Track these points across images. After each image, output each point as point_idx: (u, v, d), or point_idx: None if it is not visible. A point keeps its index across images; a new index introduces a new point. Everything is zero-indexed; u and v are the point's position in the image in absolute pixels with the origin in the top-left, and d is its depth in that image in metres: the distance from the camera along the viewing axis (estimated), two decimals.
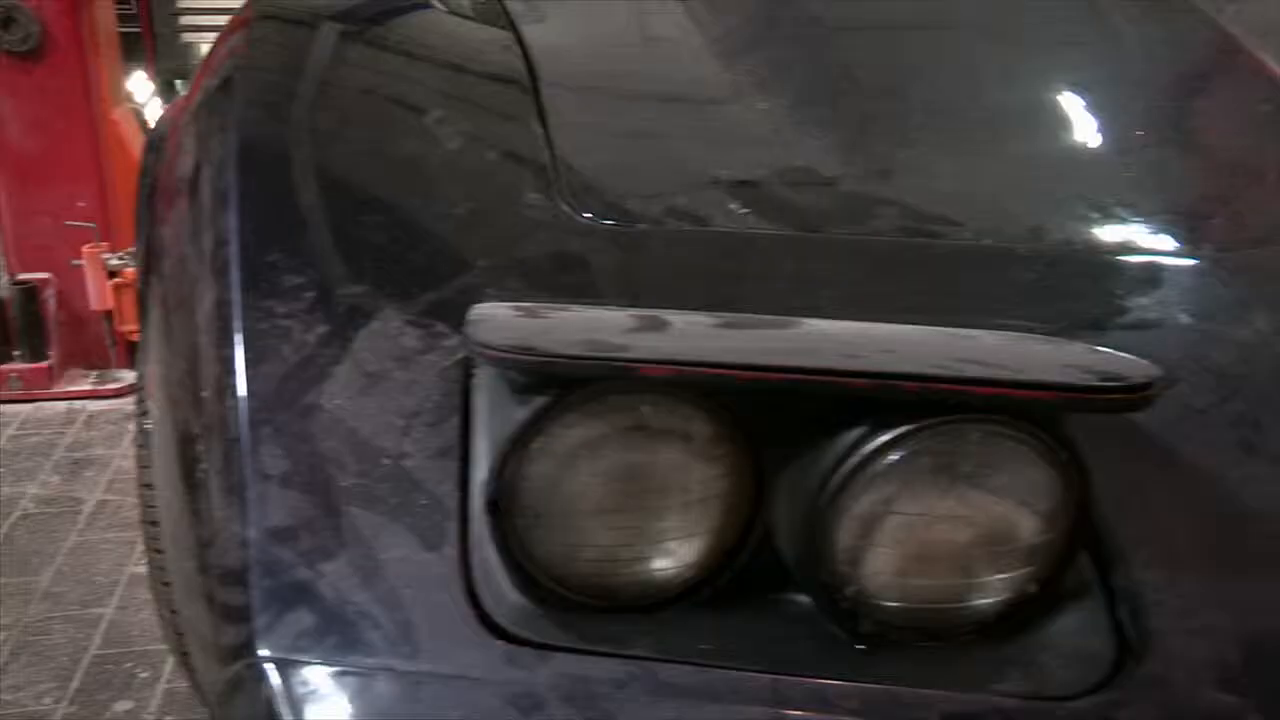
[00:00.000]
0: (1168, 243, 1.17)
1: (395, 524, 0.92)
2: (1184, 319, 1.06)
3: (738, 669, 0.85)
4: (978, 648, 0.87)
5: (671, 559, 0.89)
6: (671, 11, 1.63)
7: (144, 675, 2.37)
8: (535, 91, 1.42)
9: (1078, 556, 0.88)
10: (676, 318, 0.91)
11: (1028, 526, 0.85)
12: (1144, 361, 0.83)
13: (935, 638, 0.87)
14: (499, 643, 0.86)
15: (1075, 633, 0.86)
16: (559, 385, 0.84)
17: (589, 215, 1.21)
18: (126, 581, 2.71)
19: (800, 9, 1.61)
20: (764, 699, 0.83)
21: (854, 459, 0.82)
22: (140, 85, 4.70)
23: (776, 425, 0.87)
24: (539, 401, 0.84)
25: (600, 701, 0.84)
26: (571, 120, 1.37)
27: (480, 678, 0.85)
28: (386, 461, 0.96)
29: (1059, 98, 1.42)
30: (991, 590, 0.86)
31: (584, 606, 0.89)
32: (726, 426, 0.87)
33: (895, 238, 1.18)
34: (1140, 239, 1.18)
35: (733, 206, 1.22)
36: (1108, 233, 1.19)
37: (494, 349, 0.84)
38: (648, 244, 1.19)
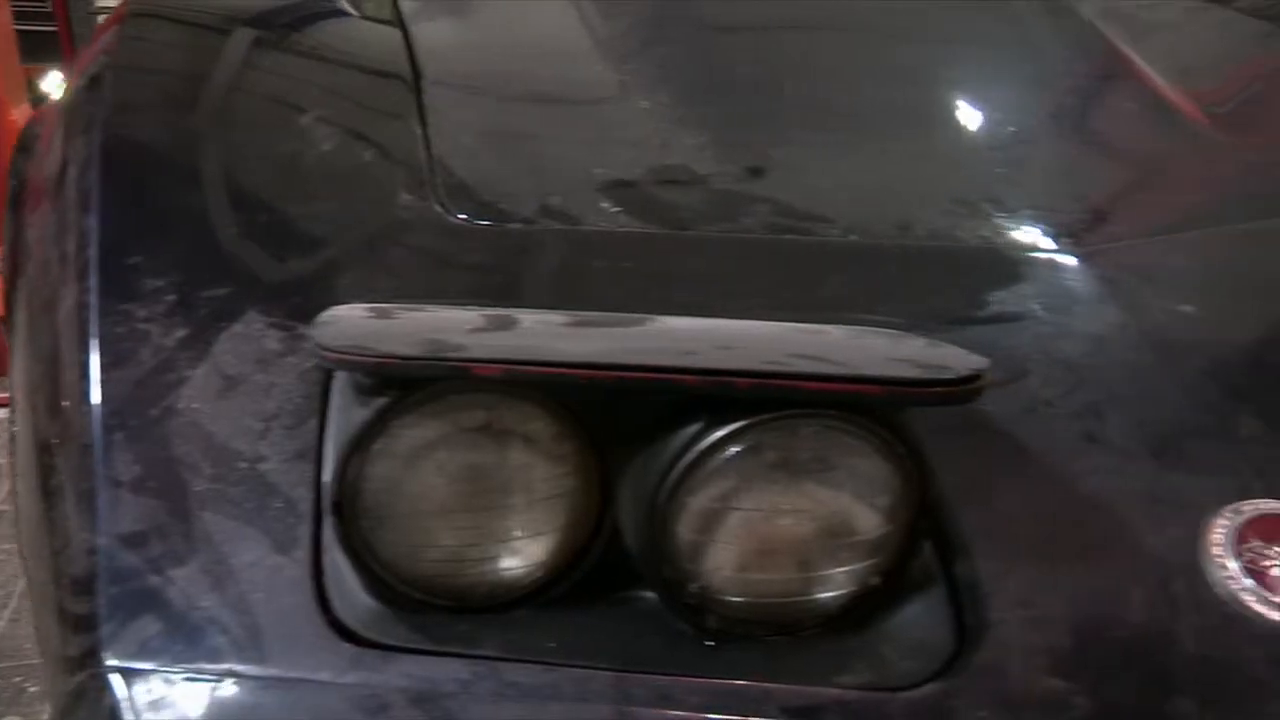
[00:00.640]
0: (1030, 237, 1.19)
1: (248, 528, 0.92)
2: (1040, 312, 1.08)
3: (584, 667, 0.85)
4: (823, 640, 0.88)
5: (520, 558, 0.89)
6: (561, 12, 1.63)
7: (33, 690, 2.32)
8: (418, 91, 1.42)
9: (920, 548, 0.89)
10: (527, 317, 0.91)
11: (868, 520, 0.86)
12: (974, 355, 0.84)
13: (782, 631, 0.88)
14: (347, 645, 0.86)
15: (917, 623, 0.88)
16: (399, 386, 0.84)
17: (463, 216, 1.20)
18: (20, 593, 2.65)
19: (686, 9, 1.61)
20: (608, 696, 0.84)
21: (690, 455, 0.82)
22: (56, 84, 4.61)
23: (620, 423, 0.87)
24: (379, 403, 0.84)
25: (445, 702, 0.84)
26: (452, 120, 1.37)
27: (326, 681, 0.84)
28: (242, 465, 0.95)
29: (934, 96, 1.44)
30: (835, 583, 0.87)
31: (434, 607, 0.89)
32: (570, 425, 0.87)
33: (765, 235, 1.19)
34: (1004, 234, 1.20)
35: (605, 205, 1.23)
36: (973, 228, 1.21)
37: (332, 350, 0.83)
38: (518, 244, 1.19)
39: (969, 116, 1.40)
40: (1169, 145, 1.38)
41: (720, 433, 0.82)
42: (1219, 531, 0.89)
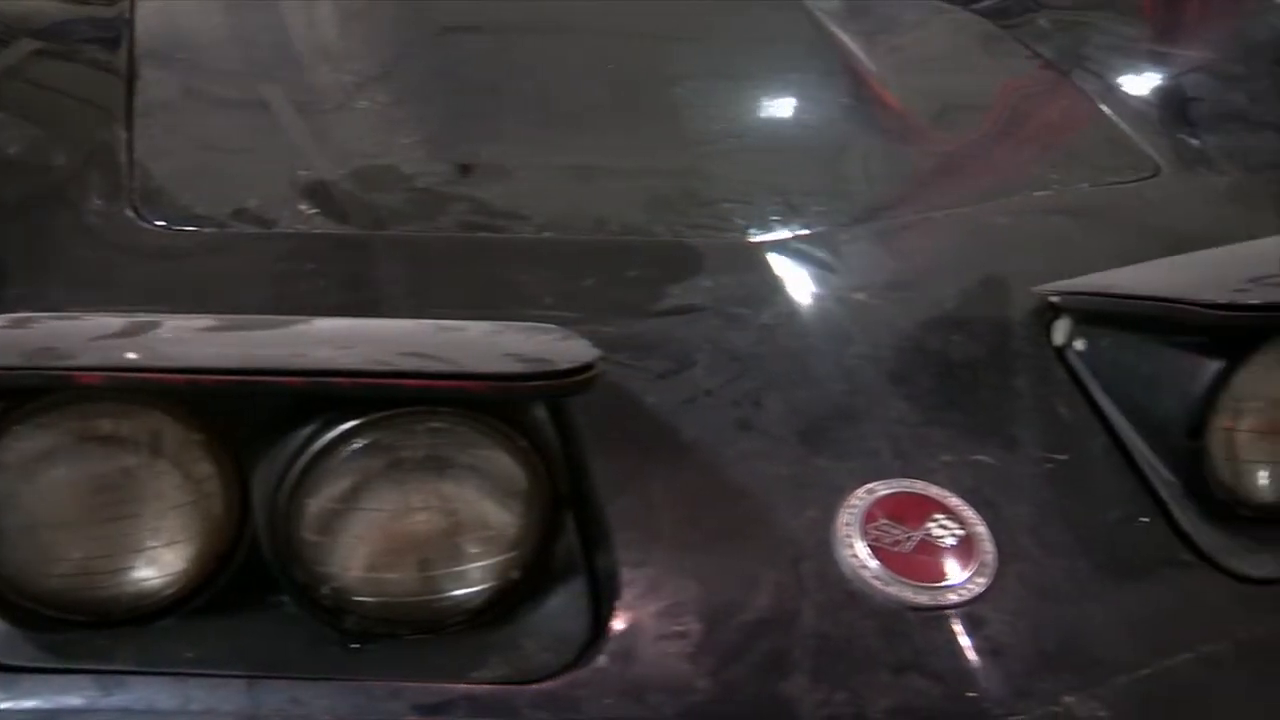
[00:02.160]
0: (721, 230, 1.22)
1: None
2: (716, 303, 1.10)
3: (218, 675, 0.84)
4: (466, 636, 0.88)
5: (156, 568, 0.87)
6: (292, 13, 1.61)
7: None
8: (130, 92, 1.39)
9: (560, 540, 0.90)
10: (171, 322, 0.89)
11: (499, 515, 0.87)
12: (588, 347, 0.86)
13: (425, 629, 0.88)
14: None
15: (557, 615, 0.88)
16: (7, 397, 0.82)
17: (160, 222, 1.19)
18: None
19: (416, 11, 1.61)
20: (238, 703, 0.83)
21: (306, 456, 0.82)
22: None
23: (252, 427, 0.86)
24: None
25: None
26: (160, 122, 1.34)
27: None
28: None
29: (649, 93, 1.46)
30: (472, 579, 0.87)
31: (69, 624, 0.86)
32: (203, 432, 0.86)
33: (460, 233, 1.20)
34: (696, 227, 1.22)
35: (304, 208, 1.22)
36: (668, 222, 1.23)
37: None
38: (209, 248, 1.17)
39: (681, 112, 1.42)
40: (874, 140, 1.42)
41: (333, 433, 0.82)
42: (849, 512, 0.92)
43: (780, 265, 1.16)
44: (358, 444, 0.82)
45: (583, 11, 1.61)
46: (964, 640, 0.86)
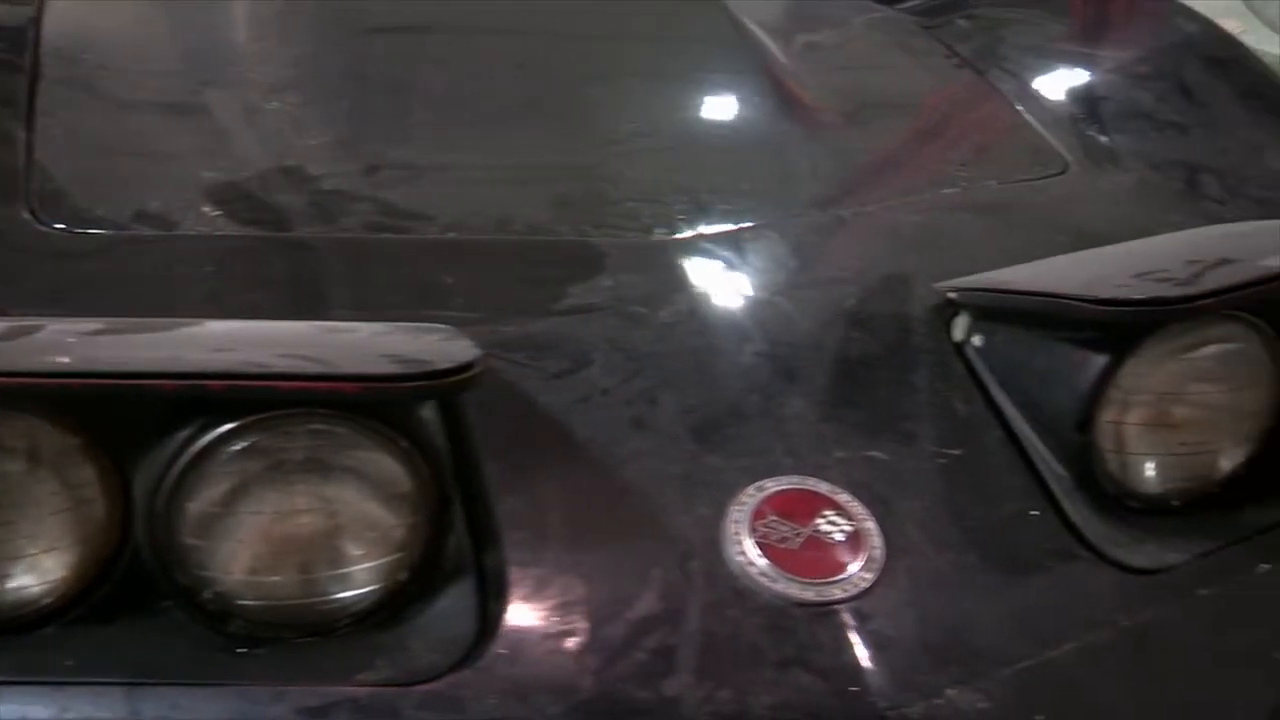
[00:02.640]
0: (626, 229, 1.22)
1: None
2: (617, 302, 1.10)
3: (98, 683, 0.83)
4: (354, 638, 0.87)
5: (36, 575, 0.86)
6: (206, 13, 1.60)
7: None
8: (33, 92, 1.37)
9: (450, 541, 0.90)
10: (52, 326, 0.88)
11: (383, 517, 0.86)
12: (470, 347, 0.85)
13: (313, 632, 0.87)
14: None
15: (445, 616, 0.88)
16: None
17: (59, 224, 1.17)
18: None
19: (331, 11, 1.59)
20: (117, 712, 0.82)
21: (184, 459, 0.81)
22: None
23: (133, 432, 0.85)
24: None
25: None
26: (63, 123, 1.33)
27: None
28: None
29: (562, 92, 1.46)
30: (358, 581, 0.87)
31: None
32: (81, 435, 0.85)
33: (364, 234, 1.19)
34: (602, 226, 1.22)
35: (207, 210, 1.20)
36: (573, 221, 1.23)
37: None
38: (107, 251, 1.16)
39: (593, 112, 1.42)
40: (784, 139, 1.43)
41: (210, 436, 0.81)
42: (739, 510, 0.92)
43: (683, 264, 1.16)
44: (236, 447, 0.82)
45: (500, 12, 1.60)
46: (849, 635, 0.87)
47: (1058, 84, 1.65)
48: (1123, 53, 1.73)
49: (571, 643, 0.86)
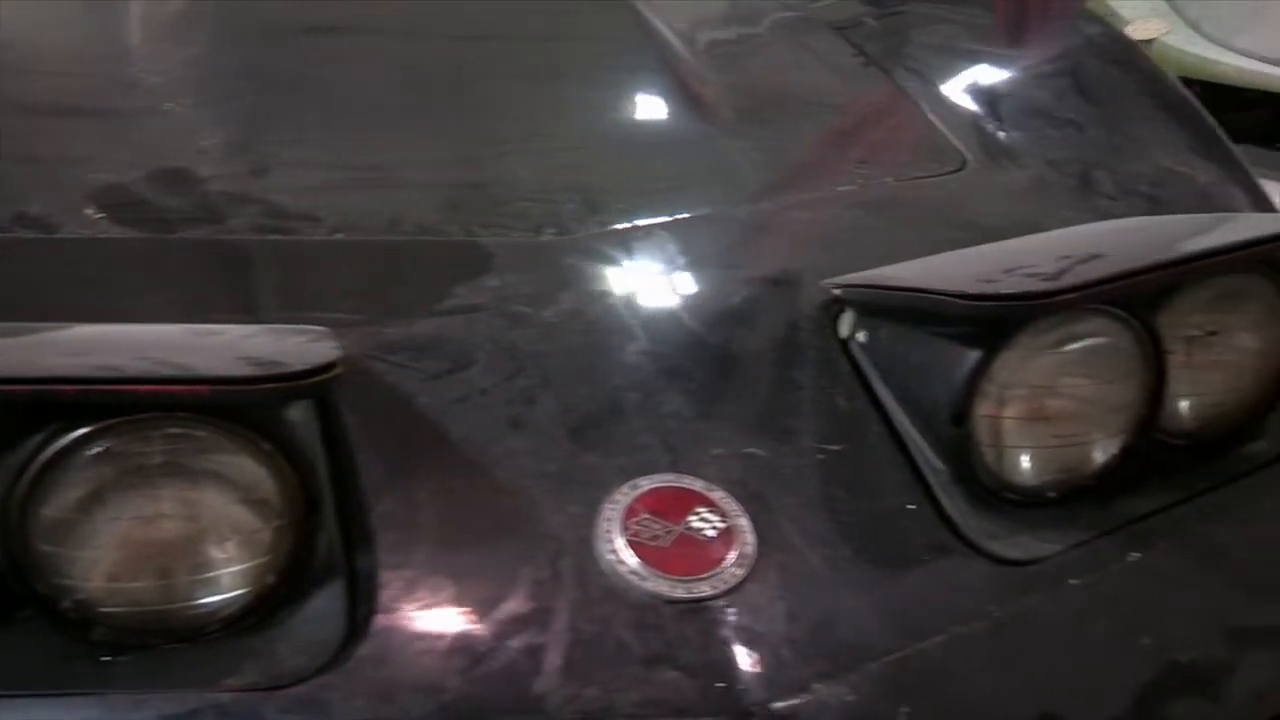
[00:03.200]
0: (516, 229, 1.21)
1: None
2: (502, 302, 1.09)
3: None
4: (222, 643, 0.87)
5: None
6: (105, 13, 1.58)
7: None
8: None
9: (321, 543, 0.89)
10: None
11: (247, 520, 0.86)
12: (332, 348, 0.85)
13: (181, 638, 0.86)
14: None
15: (314, 619, 0.88)
16: None
17: None
18: None
19: (232, 12, 1.58)
20: None
21: (36, 465, 0.80)
22: None
23: None
24: None
25: None
26: None
27: None
28: None
29: (462, 92, 1.45)
30: (224, 585, 0.86)
31: None
32: None
33: (250, 236, 1.18)
34: (491, 226, 1.21)
35: (90, 212, 1.19)
36: (463, 221, 1.22)
37: None
38: None
39: (490, 111, 1.41)
40: (681, 138, 1.44)
41: (64, 441, 0.80)
42: (611, 508, 0.93)
43: (571, 263, 1.16)
44: (91, 452, 0.81)
45: (402, 12, 1.59)
46: (717, 631, 0.87)
47: (961, 83, 1.67)
48: (1026, 52, 1.75)
49: (440, 643, 0.86)
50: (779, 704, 0.85)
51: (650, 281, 1.15)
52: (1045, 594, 0.98)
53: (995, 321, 1.00)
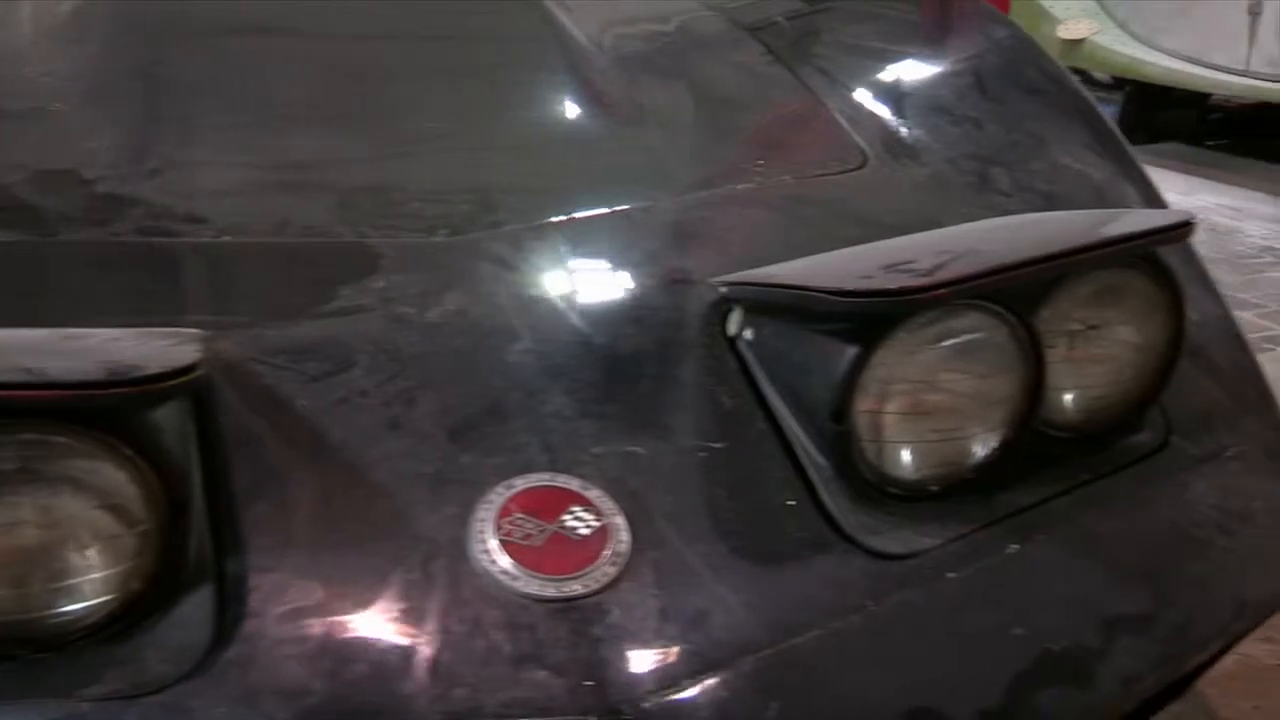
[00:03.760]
0: (406, 229, 1.21)
1: None
2: (387, 303, 1.09)
3: None
4: (87, 652, 0.85)
5: None
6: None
7: None
8: None
9: (190, 548, 0.88)
10: None
11: (108, 525, 0.84)
12: (194, 351, 0.84)
13: (45, 648, 0.85)
14: None
15: (181, 625, 0.86)
16: None
17: None
18: None
19: (125, 10, 1.56)
20: None
21: None
22: None
23: None
24: None
25: None
26: None
27: None
28: None
29: (367, 94, 1.44)
30: (86, 593, 0.85)
31: None
32: None
33: (135, 239, 1.16)
34: (381, 227, 1.21)
35: None
36: (353, 222, 1.21)
37: None
38: None
39: (390, 111, 1.41)
40: (583, 136, 1.44)
41: None
42: (485, 508, 0.92)
43: (460, 264, 1.16)
44: None
45: (306, 11, 1.58)
46: (588, 630, 0.87)
47: (867, 82, 1.68)
48: (934, 53, 1.77)
49: (307, 647, 0.85)
50: (648, 701, 0.85)
51: (540, 281, 1.15)
52: (922, 587, 0.99)
53: (872, 317, 1.00)
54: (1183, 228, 1.12)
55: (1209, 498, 1.17)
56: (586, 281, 1.17)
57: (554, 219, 1.25)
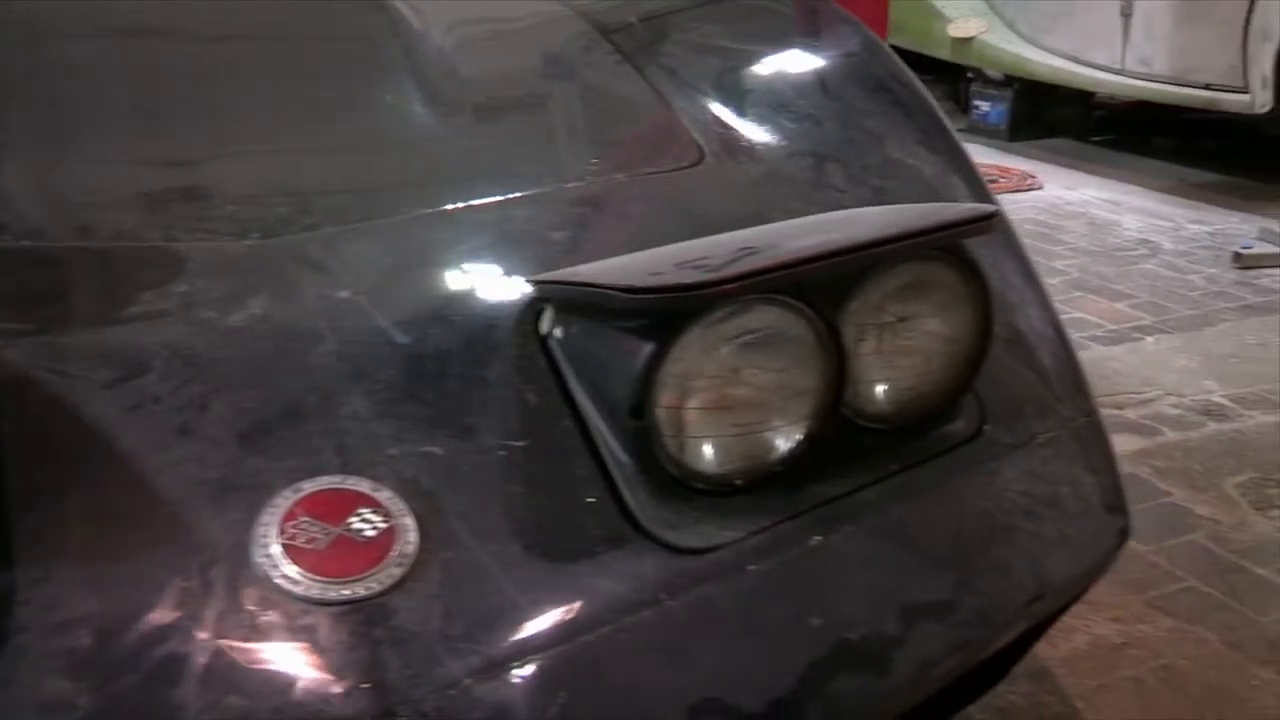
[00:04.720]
0: (215, 232, 1.19)
1: None
2: (187, 308, 1.07)
3: None
4: None
5: None
6: None
7: None
8: None
9: None
10: None
11: None
12: None
13: None
14: None
15: None
16: None
17: None
18: None
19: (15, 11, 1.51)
20: None
21: None
22: None
23: None
24: None
25: None
26: None
27: None
28: None
29: (194, 95, 1.41)
30: None
31: None
32: None
33: None
34: (191, 230, 1.18)
35: None
36: (162, 225, 1.19)
37: None
38: None
39: (215, 114, 1.38)
40: (411, 137, 1.43)
41: None
42: (270, 513, 0.91)
43: (269, 267, 1.14)
44: None
45: (131, 11, 1.55)
46: (368, 632, 0.87)
47: (711, 80, 1.69)
48: (781, 51, 1.79)
49: (75, 660, 0.83)
50: (425, 703, 0.85)
51: (349, 283, 1.14)
52: (721, 581, 1.00)
53: (664, 314, 1.01)
54: (983, 221, 1.15)
55: (1017, 484, 1.19)
56: (399, 283, 1.16)
57: (373, 221, 1.24)
